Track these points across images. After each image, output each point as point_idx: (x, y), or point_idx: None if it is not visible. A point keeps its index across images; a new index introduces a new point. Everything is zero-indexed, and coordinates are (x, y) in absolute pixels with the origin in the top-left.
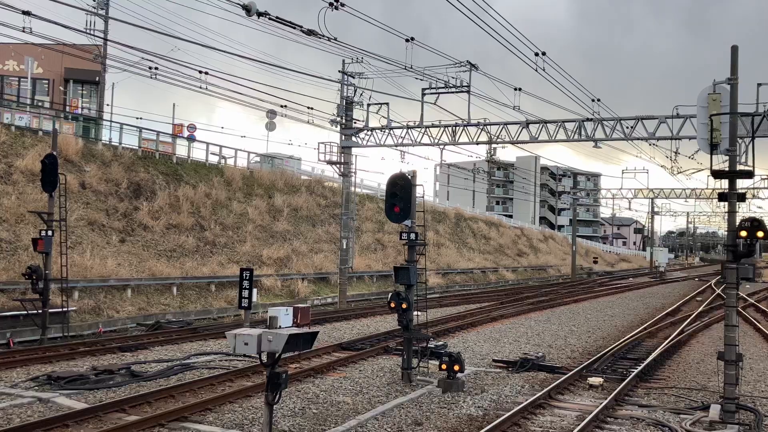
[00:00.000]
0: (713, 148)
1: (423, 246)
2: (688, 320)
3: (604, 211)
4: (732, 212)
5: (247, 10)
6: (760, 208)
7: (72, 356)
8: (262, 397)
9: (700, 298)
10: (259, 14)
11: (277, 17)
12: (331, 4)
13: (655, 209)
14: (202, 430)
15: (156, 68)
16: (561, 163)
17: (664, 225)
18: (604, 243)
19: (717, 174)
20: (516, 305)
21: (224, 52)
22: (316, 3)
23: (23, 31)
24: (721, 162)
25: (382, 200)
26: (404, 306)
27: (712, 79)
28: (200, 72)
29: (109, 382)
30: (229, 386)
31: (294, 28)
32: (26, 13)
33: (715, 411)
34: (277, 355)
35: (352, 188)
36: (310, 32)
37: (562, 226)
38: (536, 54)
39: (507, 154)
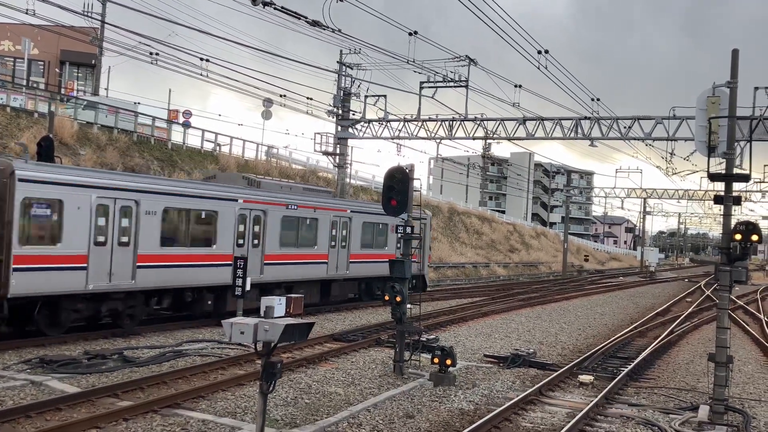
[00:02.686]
0: (711, 150)
1: (418, 240)
2: (678, 321)
3: (596, 210)
4: (728, 215)
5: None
6: (752, 211)
7: (64, 340)
8: (255, 386)
9: (689, 299)
10: (265, 4)
11: (282, 7)
12: None
13: (647, 209)
14: (194, 417)
15: (157, 54)
16: (555, 161)
17: (655, 225)
18: (596, 241)
19: (714, 177)
20: (507, 301)
21: (224, 39)
22: None
23: (26, 13)
24: (716, 164)
25: (375, 192)
26: (398, 299)
27: (707, 81)
28: (201, 59)
29: (101, 366)
30: (222, 374)
31: (299, 18)
32: None
33: (704, 412)
34: (272, 344)
35: (347, 179)
36: (314, 23)
37: (554, 223)
38: (539, 52)
39: (501, 149)
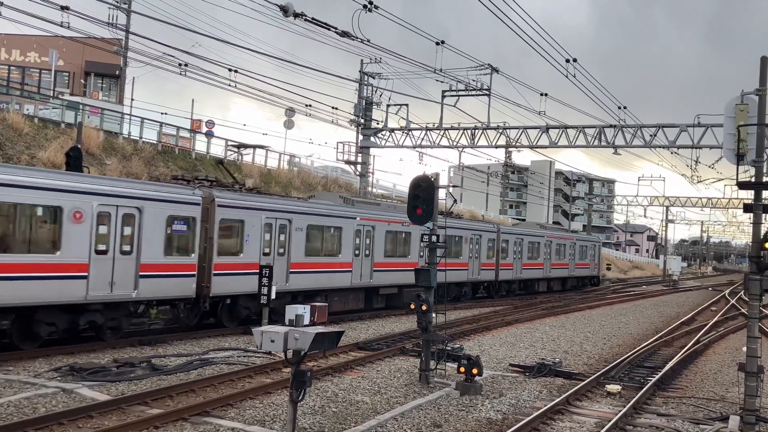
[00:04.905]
0: (740, 158)
1: (444, 248)
2: (704, 330)
3: (618, 218)
4: (757, 223)
5: (285, 10)
6: None
7: (92, 348)
8: (282, 394)
9: (714, 308)
10: (296, 15)
11: (312, 18)
12: (365, 6)
13: (670, 217)
14: (224, 425)
15: (186, 65)
16: (576, 168)
17: (677, 233)
18: (617, 249)
19: (743, 185)
20: (530, 310)
21: (248, 50)
22: (333, 2)
23: (61, 26)
24: (742, 172)
25: (397, 200)
26: (424, 308)
27: (731, 89)
28: (230, 70)
29: (130, 374)
30: (249, 382)
31: (329, 29)
32: (64, 8)
33: (734, 422)
34: (303, 353)
35: (369, 188)
36: (344, 33)
37: (575, 232)
38: (567, 60)
39: (522, 157)
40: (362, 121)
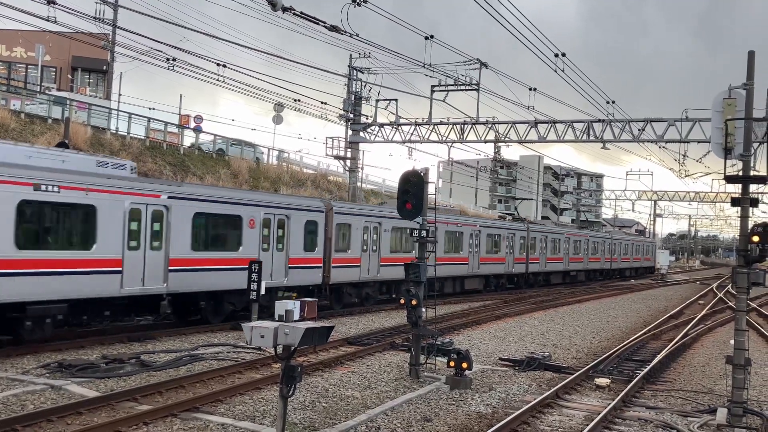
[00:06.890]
0: (727, 152)
1: (434, 243)
2: (692, 323)
3: (606, 212)
4: (745, 217)
5: (273, 5)
6: (764, 212)
7: (81, 344)
8: (272, 390)
9: (702, 302)
10: (284, 9)
11: (301, 12)
12: (354, 1)
13: (658, 211)
14: (214, 420)
15: (174, 59)
16: (565, 163)
17: (665, 227)
18: None
19: (731, 179)
20: (519, 304)
21: (236, 44)
22: None
23: (48, 21)
24: (730, 166)
25: (386, 195)
26: (414, 302)
27: (718, 83)
28: (218, 65)
29: (119, 371)
30: (239, 378)
31: (317, 23)
32: (51, 2)
33: (722, 414)
34: (293, 348)
35: (359, 183)
36: (333, 28)
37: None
38: (556, 55)
39: (511, 152)
40: (351, 116)
